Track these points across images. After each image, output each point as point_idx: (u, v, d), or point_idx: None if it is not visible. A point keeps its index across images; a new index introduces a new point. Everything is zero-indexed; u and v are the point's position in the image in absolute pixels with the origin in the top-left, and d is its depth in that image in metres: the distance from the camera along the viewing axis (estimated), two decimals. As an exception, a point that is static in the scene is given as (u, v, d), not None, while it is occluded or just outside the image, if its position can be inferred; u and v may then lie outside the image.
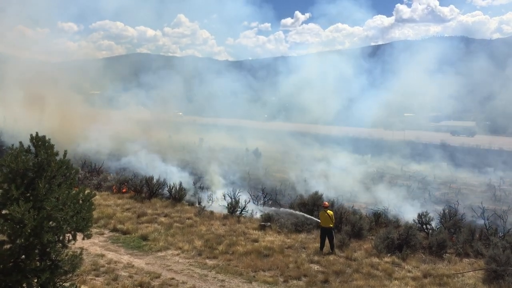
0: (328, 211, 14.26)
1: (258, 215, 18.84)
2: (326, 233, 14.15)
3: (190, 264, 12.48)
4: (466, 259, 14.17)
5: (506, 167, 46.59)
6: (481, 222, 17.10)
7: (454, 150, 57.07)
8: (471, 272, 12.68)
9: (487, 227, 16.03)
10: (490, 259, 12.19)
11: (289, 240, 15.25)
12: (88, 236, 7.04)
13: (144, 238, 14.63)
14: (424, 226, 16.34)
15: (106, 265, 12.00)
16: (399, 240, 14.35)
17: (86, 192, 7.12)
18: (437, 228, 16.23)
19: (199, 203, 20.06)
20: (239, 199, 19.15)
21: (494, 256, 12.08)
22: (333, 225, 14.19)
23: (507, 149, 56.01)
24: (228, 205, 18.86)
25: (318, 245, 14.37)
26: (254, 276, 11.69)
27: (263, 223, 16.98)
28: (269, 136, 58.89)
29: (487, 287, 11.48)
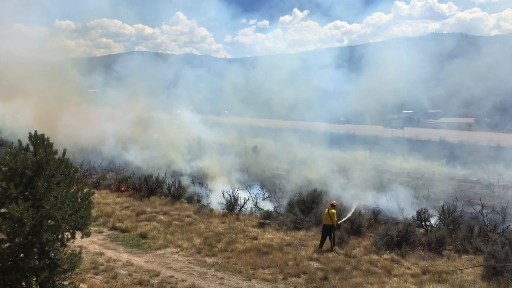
0: (332, 210, 14.23)
1: (257, 213, 18.83)
2: (326, 230, 14.15)
3: (189, 262, 12.49)
4: (465, 256, 14.22)
5: (504, 164, 46.59)
6: (480, 218, 17.11)
7: (453, 146, 57.15)
8: (470, 268, 12.72)
9: (486, 223, 16.06)
10: (489, 255, 12.22)
11: (288, 238, 15.27)
12: (87, 235, 7.04)
13: (143, 236, 14.64)
14: (423, 223, 16.37)
15: (105, 263, 12.00)
16: (398, 237, 14.38)
17: (85, 190, 7.11)
18: (436, 225, 16.26)
19: (198, 201, 20.05)
20: (238, 196, 19.14)
21: (493, 252, 12.11)
22: (333, 224, 14.17)
23: (505, 146, 56.06)
24: (227, 202, 18.86)
25: (317, 242, 14.40)
26: (253, 274, 11.71)
27: (262, 221, 17.00)
28: (269, 134, 58.82)
29: (486, 284, 11.50)
